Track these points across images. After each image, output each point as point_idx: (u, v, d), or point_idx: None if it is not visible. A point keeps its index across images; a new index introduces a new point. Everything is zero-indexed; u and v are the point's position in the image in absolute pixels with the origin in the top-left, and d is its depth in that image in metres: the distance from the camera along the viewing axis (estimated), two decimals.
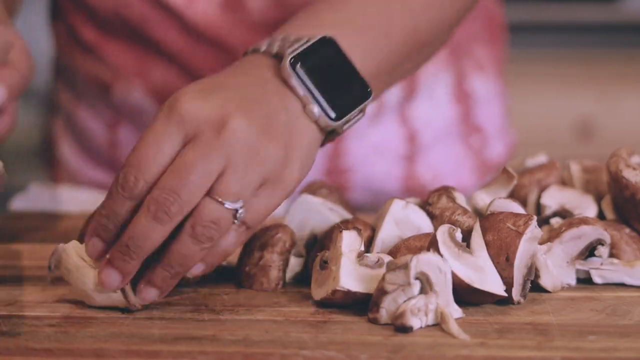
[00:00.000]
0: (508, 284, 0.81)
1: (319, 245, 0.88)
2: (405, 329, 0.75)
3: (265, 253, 0.86)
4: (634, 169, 0.88)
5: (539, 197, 0.94)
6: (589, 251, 0.86)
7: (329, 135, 0.85)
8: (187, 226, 0.77)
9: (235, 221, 0.78)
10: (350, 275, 0.80)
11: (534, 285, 0.83)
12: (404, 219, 0.86)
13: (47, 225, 0.87)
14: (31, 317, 0.80)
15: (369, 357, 0.71)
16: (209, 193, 0.77)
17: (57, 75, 1.29)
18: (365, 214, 0.97)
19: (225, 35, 1.15)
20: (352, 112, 0.85)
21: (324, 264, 0.82)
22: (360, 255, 0.81)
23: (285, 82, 0.83)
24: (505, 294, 0.80)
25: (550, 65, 2.57)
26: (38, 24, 1.39)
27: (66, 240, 0.85)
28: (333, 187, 0.96)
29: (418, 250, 0.81)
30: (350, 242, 0.81)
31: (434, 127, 1.24)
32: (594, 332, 0.76)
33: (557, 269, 0.86)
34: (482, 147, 1.29)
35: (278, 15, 1.14)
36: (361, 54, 0.87)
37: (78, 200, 1.19)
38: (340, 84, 0.85)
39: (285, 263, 0.87)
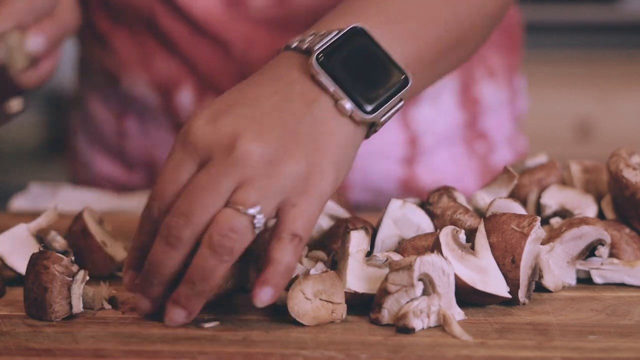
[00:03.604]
0: (514, 285, 0.80)
1: (322, 243, 0.88)
2: (408, 331, 0.75)
3: None
4: (634, 168, 0.88)
5: (539, 196, 0.94)
6: (589, 251, 0.86)
7: (372, 127, 0.82)
8: (205, 238, 0.75)
9: (256, 229, 0.75)
10: (357, 276, 0.80)
11: (535, 285, 0.83)
12: (402, 218, 0.86)
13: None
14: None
15: (369, 357, 0.71)
16: (226, 204, 0.76)
17: (79, 68, 1.32)
18: (365, 213, 0.97)
19: (226, 30, 1.16)
20: (389, 103, 0.81)
21: (335, 264, 0.82)
22: (366, 255, 0.81)
23: (314, 80, 0.80)
24: (509, 296, 0.80)
25: (550, 65, 2.57)
26: None
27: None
28: None
29: (425, 250, 0.81)
30: (358, 242, 0.81)
31: (436, 132, 1.24)
32: (594, 332, 0.76)
33: (557, 269, 0.86)
34: (487, 153, 1.28)
35: (279, 12, 1.15)
36: (399, 42, 0.84)
37: (78, 200, 1.19)
38: (374, 75, 0.81)
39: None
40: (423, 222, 0.87)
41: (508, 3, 1.00)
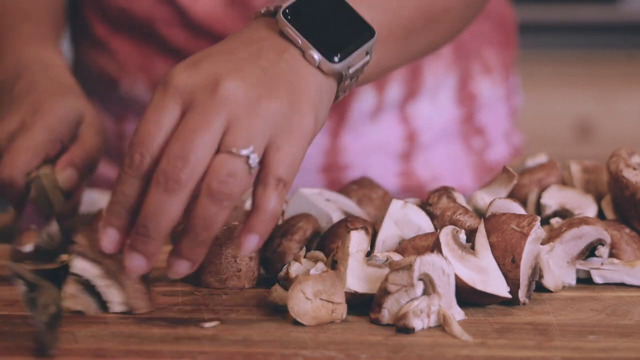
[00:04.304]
0: (514, 285, 0.80)
1: (322, 243, 0.88)
2: (408, 330, 0.75)
3: (284, 240, 0.87)
4: (634, 168, 0.88)
5: (539, 196, 0.94)
6: (590, 251, 0.86)
7: (341, 83, 0.83)
8: (204, 187, 0.74)
9: (252, 170, 0.74)
10: (357, 276, 0.80)
11: (535, 285, 0.83)
12: (403, 218, 0.86)
13: None
14: (31, 317, 0.80)
15: (369, 357, 0.71)
16: (218, 150, 0.75)
17: (74, 72, 1.31)
18: None
19: (227, 30, 1.16)
20: (355, 53, 0.82)
21: (335, 264, 0.82)
22: (366, 255, 0.81)
23: (282, 34, 0.80)
24: (509, 296, 0.80)
25: (550, 65, 2.57)
26: None
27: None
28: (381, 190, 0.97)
29: (425, 250, 0.81)
30: (358, 242, 0.81)
31: (434, 128, 1.24)
32: (594, 332, 0.76)
33: (557, 269, 0.86)
34: (484, 148, 1.28)
35: None
36: (369, 10, 0.85)
37: None
38: (340, 28, 0.82)
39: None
40: (423, 223, 0.87)
41: None
